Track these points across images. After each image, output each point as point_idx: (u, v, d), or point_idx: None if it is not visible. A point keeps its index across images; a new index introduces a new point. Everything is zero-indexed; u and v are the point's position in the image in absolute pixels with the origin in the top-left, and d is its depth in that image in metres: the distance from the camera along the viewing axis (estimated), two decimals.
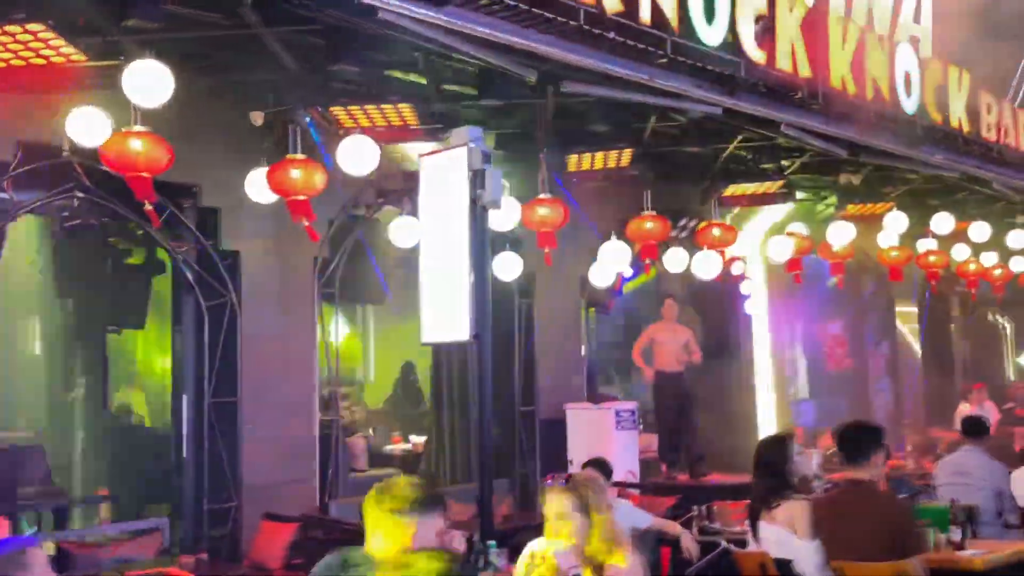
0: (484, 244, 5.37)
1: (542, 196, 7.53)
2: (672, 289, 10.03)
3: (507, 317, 9.04)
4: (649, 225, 8.45)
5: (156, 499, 7.81)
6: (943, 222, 11.44)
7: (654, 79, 6.69)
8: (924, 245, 12.10)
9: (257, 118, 6.63)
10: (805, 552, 4.02)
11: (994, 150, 11.15)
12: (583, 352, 9.74)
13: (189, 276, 6.80)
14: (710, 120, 7.68)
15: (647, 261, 8.63)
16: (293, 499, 7.02)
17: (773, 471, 4.26)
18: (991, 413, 12.91)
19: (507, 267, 8.23)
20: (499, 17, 5.98)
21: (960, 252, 13.24)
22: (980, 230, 11.95)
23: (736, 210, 10.69)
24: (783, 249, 10.31)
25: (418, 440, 9.11)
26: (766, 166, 9.25)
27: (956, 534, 4.89)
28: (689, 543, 5.38)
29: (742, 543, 4.67)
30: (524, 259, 9.17)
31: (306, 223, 5.88)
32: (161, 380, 9.31)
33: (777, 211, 11.40)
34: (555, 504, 2.73)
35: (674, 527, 5.44)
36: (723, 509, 6.21)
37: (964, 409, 14.06)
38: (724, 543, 5.07)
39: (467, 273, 5.28)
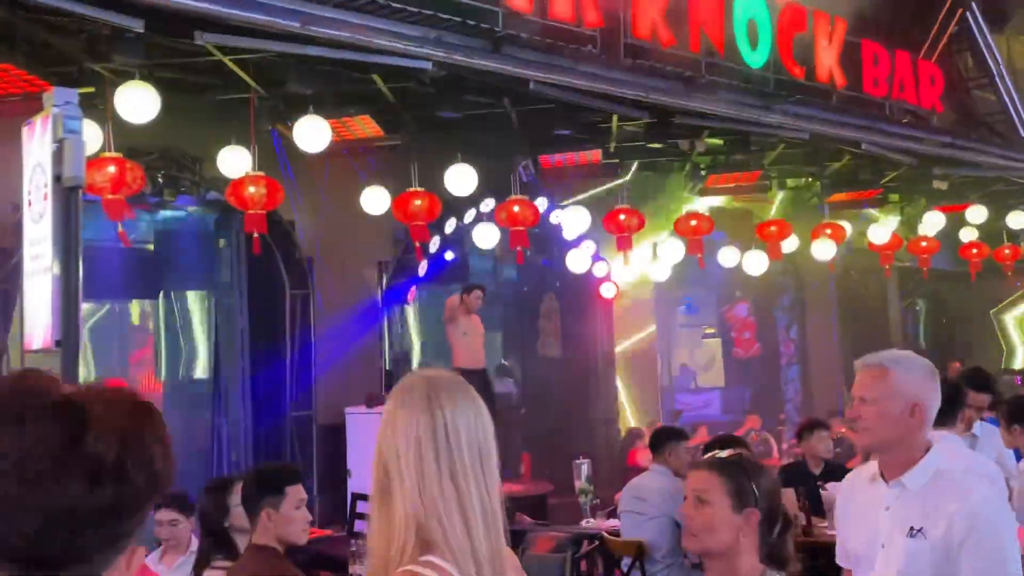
0: (70, 231, 4.37)
1: (250, 173, 6.48)
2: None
3: (276, 310, 8.02)
4: (417, 203, 7.36)
5: None
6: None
7: (334, 28, 5.59)
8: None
9: None
10: None
11: (885, 107, 9.83)
12: (386, 348, 8.67)
13: None
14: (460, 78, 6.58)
15: (418, 244, 7.55)
16: None
17: (210, 527, 3.22)
18: None
19: None
20: None
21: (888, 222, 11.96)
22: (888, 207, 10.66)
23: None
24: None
25: None
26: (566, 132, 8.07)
27: None
28: None
29: None
30: (298, 246, 8.16)
31: None
32: None
33: None
34: None
35: None
36: None
37: None
38: None
39: (50, 267, 4.32)
